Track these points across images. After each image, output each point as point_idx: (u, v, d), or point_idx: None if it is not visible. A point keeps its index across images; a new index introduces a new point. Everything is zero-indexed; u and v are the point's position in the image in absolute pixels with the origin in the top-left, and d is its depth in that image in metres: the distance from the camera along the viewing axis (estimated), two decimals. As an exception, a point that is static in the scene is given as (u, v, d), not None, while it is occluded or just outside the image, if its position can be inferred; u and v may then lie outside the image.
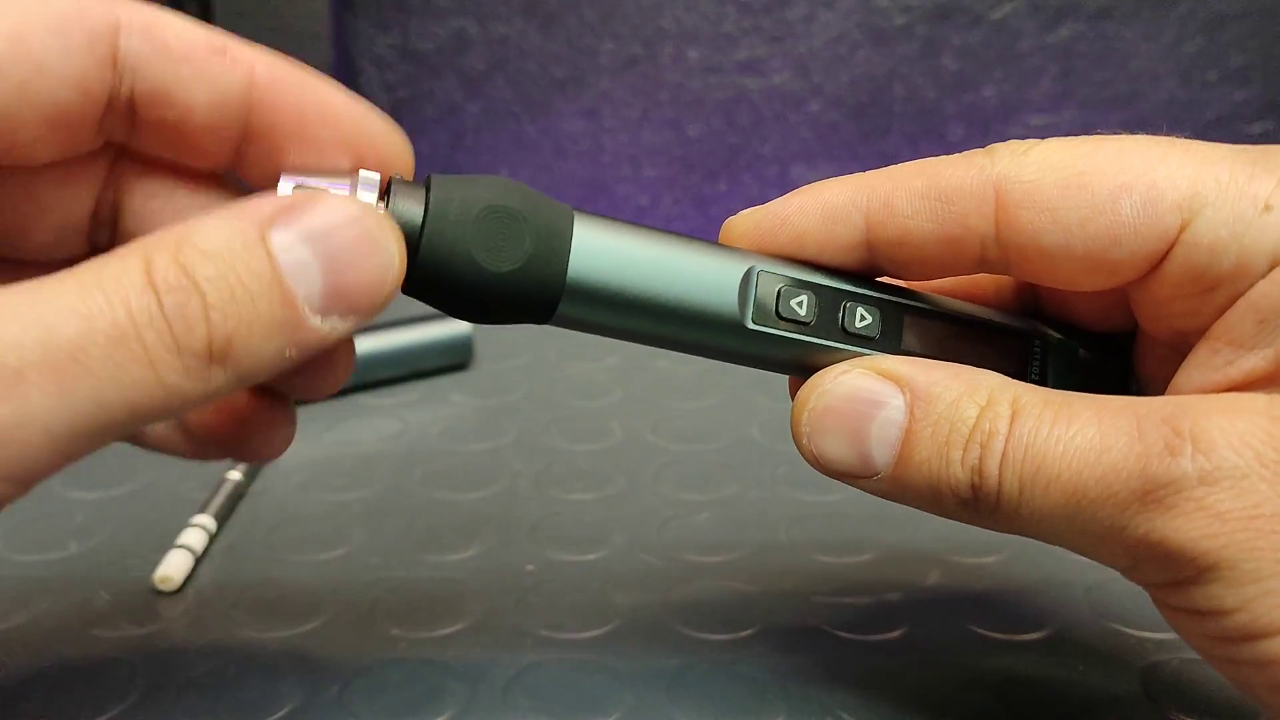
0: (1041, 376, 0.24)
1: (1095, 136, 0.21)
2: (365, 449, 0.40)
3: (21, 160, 0.20)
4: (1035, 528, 0.20)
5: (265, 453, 0.24)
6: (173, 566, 0.30)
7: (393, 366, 0.46)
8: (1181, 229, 0.20)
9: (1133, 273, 0.21)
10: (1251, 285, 0.20)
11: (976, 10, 0.62)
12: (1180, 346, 0.22)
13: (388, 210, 0.20)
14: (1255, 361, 0.20)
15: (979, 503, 0.20)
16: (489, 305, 0.21)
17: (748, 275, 0.22)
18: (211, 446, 0.23)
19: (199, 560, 0.32)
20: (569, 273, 0.21)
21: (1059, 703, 0.26)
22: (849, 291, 0.22)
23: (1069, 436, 0.19)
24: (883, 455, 0.21)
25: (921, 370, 0.21)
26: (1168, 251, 0.20)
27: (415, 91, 0.65)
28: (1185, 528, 0.18)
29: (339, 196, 0.19)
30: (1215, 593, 0.19)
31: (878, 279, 0.23)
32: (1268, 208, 0.19)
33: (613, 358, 0.49)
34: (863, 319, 0.22)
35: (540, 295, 0.21)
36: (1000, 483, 0.20)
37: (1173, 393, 0.21)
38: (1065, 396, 0.20)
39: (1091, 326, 0.25)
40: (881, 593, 0.31)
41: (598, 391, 0.46)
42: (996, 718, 0.25)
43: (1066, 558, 0.21)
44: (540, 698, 0.26)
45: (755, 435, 0.42)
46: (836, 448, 0.21)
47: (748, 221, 0.23)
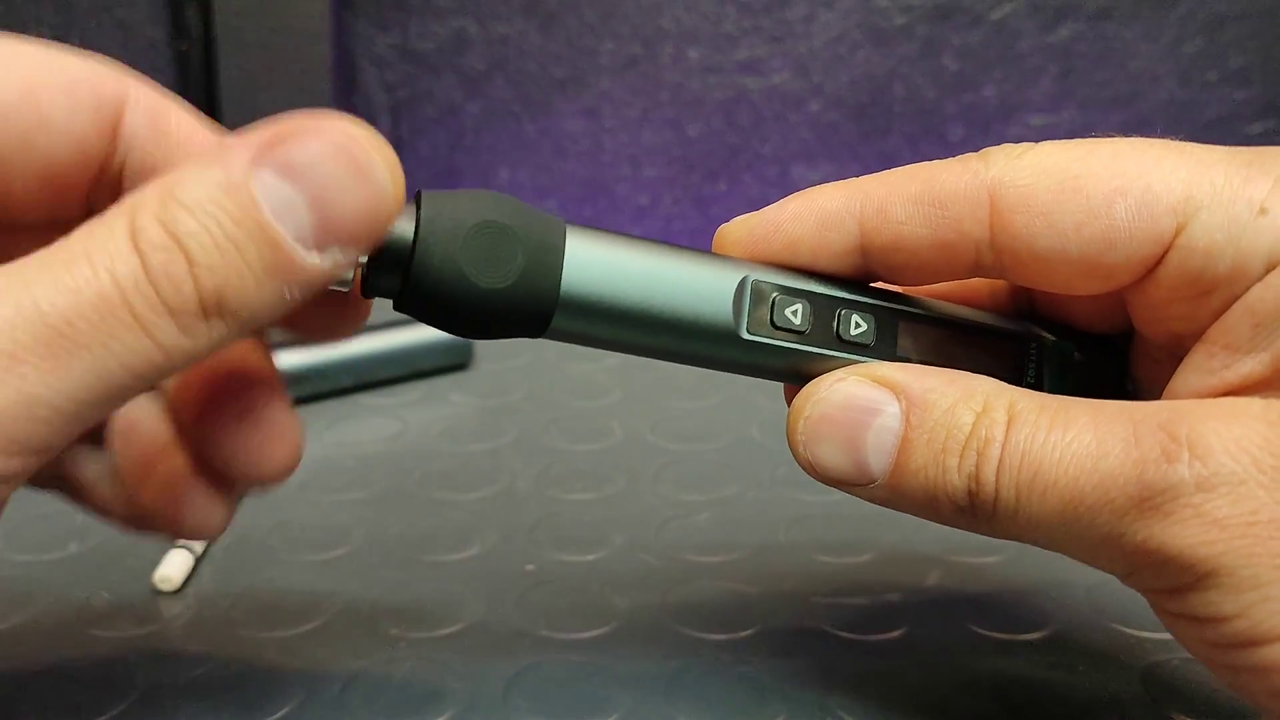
0: (1037, 380, 0.24)
1: (1090, 140, 0.21)
2: (365, 449, 0.40)
3: (8, 217, 0.20)
4: (1032, 534, 0.20)
5: (203, 532, 0.23)
6: (173, 566, 0.30)
7: (393, 366, 0.46)
8: (1177, 233, 0.20)
9: (1128, 277, 0.21)
10: (1247, 289, 0.20)
11: (976, 10, 0.62)
12: (1176, 349, 0.22)
13: None
14: (1251, 366, 0.20)
15: (976, 510, 0.20)
16: (482, 322, 0.21)
17: (742, 285, 0.22)
18: (147, 522, 0.23)
19: (199, 560, 0.32)
20: (562, 287, 0.21)
21: (1059, 703, 0.26)
22: (843, 299, 0.22)
23: (1065, 443, 0.19)
24: (879, 463, 0.21)
25: (917, 377, 0.21)
26: (1163, 255, 0.20)
27: (415, 91, 0.65)
28: (1183, 534, 0.18)
29: (323, 125, 0.18)
30: (1213, 599, 0.19)
31: (872, 284, 0.23)
32: (1263, 211, 0.19)
33: (613, 358, 0.49)
34: (858, 326, 0.22)
35: (534, 311, 0.21)
36: (997, 489, 0.20)
37: (1169, 397, 0.21)
38: (1061, 402, 0.20)
39: (1087, 329, 0.25)
40: (881, 593, 0.31)
41: (597, 391, 0.46)
42: (996, 718, 0.25)
43: (1066, 558, 0.21)
44: (539, 698, 0.26)
45: (755, 435, 0.42)
46: (832, 456, 0.21)
47: (741, 228, 0.23)
